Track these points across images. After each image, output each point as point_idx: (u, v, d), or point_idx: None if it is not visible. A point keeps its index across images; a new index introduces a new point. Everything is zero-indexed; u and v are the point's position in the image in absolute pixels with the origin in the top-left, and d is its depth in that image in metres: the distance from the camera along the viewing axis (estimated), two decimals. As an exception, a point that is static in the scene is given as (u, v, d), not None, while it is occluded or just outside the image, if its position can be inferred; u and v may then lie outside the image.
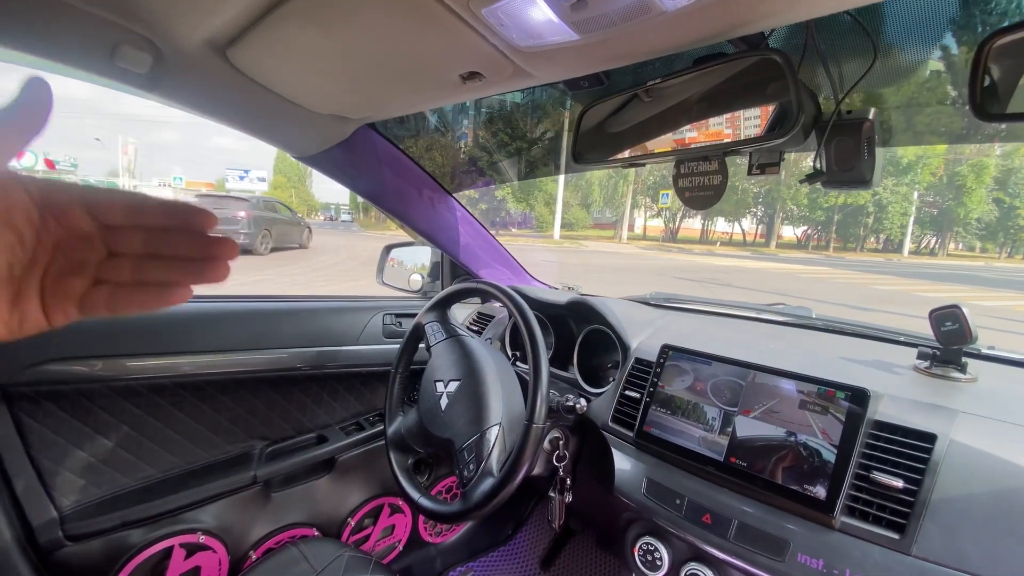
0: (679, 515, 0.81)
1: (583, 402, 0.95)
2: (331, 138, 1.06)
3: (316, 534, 1.27)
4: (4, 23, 0.65)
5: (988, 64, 0.47)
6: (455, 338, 1.02)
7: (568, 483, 1.00)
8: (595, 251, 19.07)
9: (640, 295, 1.46)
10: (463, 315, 1.57)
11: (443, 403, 0.94)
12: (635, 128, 0.76)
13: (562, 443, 0.98)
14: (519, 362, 1.23)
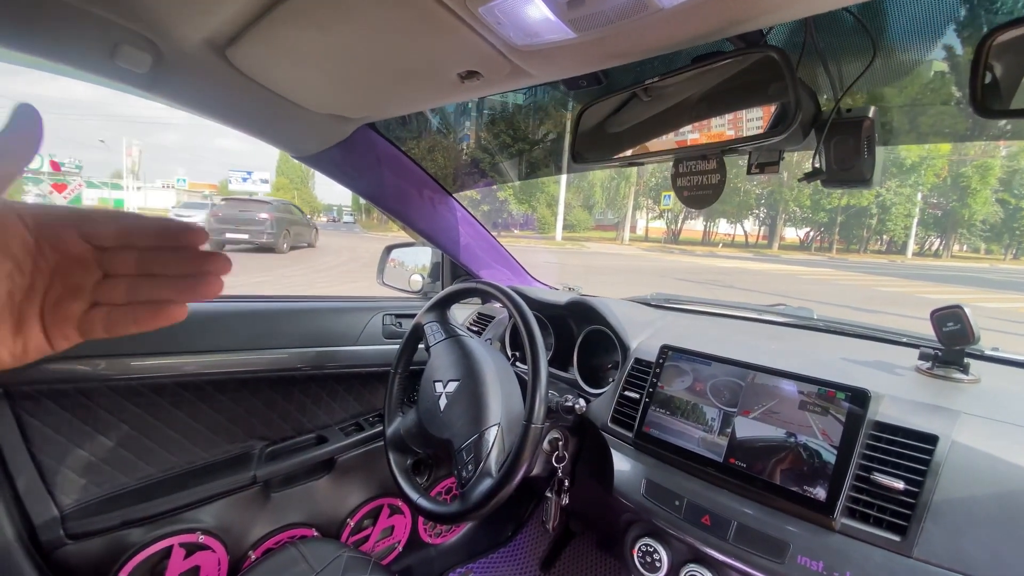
0: (678, 516, 0.80)
1: (582, 403, 0.95)
2: (331, 138, 1.06)
3: (315, 534, 1.27)
4: (4, 23, 0.65)
5: (989, 60, 0.46)
6: (454, 338, 1.02)
7: (565, 485, 0.99)
8: (597, 252, 19.06)
9: (641, 296, 1.46)
10: (463, 316, 1.56)
11: (442, 403, 0.93)
12: (634, 127, 0.76)
13: (561, 444, 0.98)
14: (519, 362, 1.23)
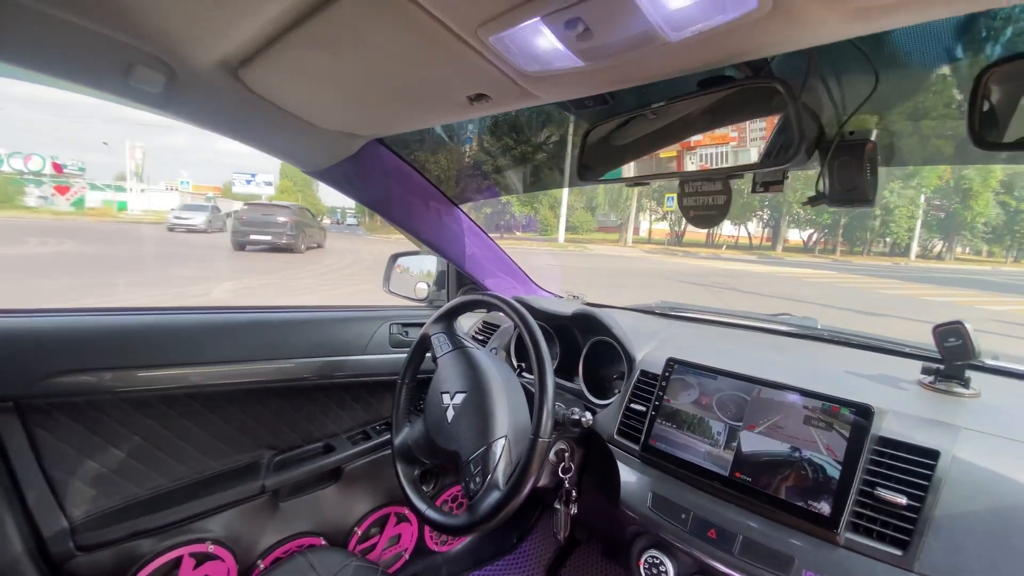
0: (684, 529, 0.81)
1: (589, 416, 0.96)
2: (340, 153, 1.08)
3: (323, 543, 1.28)
4: (23, 45, 0.67)
5: (986, 92, 0.48)
6: (461, 350, 1.03)
7: (574, 495, 1.00)
8: (600, 255, 19.01)
9: (645, 304, 1.47)
10: (469, 324, 1.57)
11: (449, 415, 0.94)
12: (640, 148, 0.77)
13: (568, 455, 0.98)
14: (525, 372, 1.24)
